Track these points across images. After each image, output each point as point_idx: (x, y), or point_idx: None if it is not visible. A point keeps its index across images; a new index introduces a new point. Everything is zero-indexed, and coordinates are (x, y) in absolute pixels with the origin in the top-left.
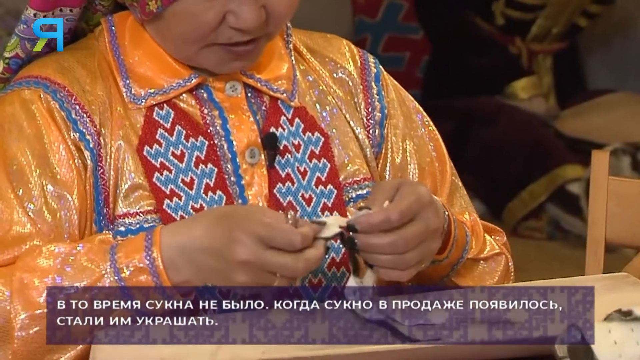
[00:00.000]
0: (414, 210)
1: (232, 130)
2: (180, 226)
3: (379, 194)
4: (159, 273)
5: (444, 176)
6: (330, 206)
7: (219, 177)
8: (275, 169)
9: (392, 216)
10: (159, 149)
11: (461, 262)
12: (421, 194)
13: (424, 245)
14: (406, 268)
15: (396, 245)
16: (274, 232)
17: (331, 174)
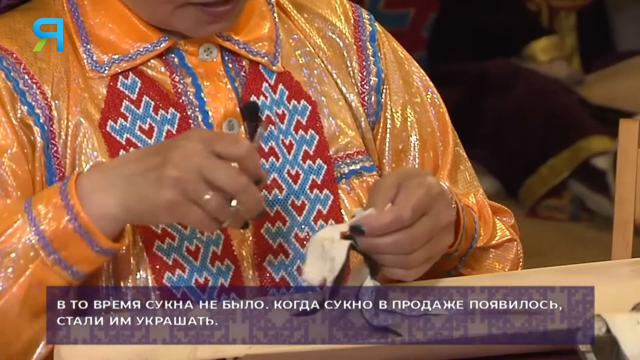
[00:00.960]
0: (425, 204)
1: (207, 100)
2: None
3: (378, 196)
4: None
5: (445, 147)
6: (320, 183)
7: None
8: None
9: (405, 214)
10: (124, 124)
11: (470, 252)
12: (430, 184)
13: (434, 242)
14: (413, 267)
15: (402, 245)
16: (225, 136)
17: (320, 147)
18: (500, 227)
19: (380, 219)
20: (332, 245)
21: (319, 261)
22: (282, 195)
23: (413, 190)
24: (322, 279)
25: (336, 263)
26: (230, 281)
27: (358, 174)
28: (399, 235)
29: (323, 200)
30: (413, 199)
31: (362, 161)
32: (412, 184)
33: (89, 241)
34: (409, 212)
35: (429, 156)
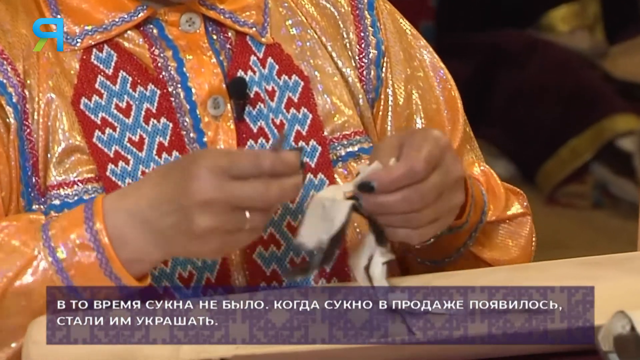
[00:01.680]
0: (435, 156)
1: (189, 75)
2: (125, 189)
3: (380, 152)
4: (103, 247)
5: (454, 126)
6: (314, 167)
7: (174, 134)
8: (245, 122)
9: (417, 166)
10: (99, 102)
11: (480, 227)
12: (437, 136)
13: (443, 199)
14: (419, 226)
15: (411, 201)
16: (236, 156)
17: (314, 127)
18: (511, 200)
19: (391, 172)
20: (333, 205)
21: (318, 222)
22: None
23: (420, 142)
24: (317, 241)
25: (334, 224)
26: (216, 275)
27: (356, 156)
28: (409, 190)
29: (318, 186)
30: (423, 151)
31: (361, 142)
32: (417, 138)
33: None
34: (421, 164)
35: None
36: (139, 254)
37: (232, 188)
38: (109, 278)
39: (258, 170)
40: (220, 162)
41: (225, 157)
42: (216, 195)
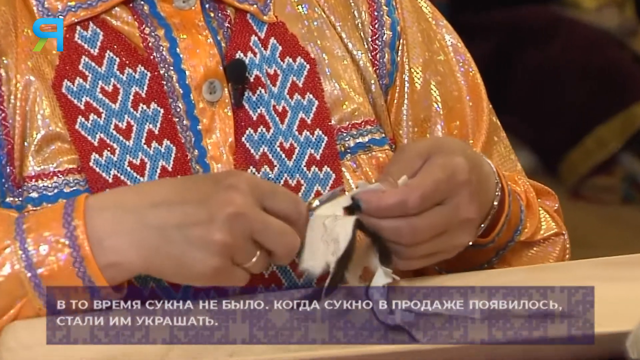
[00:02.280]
0: (441, 193)
1: (183, 56)
2: (118, 188)
3: (398, 163)
4: (79, 245)
5: (479, 115)
6: (319, 159)
7: (166, 121)
8: (244, 109)
9: (411, 200)
10: (83, 85)
11: (510, 246)
12: (457, 169)
13: (445, 237)
14: (408, 259)
15: (401, 234)
16: (278, 188)
17: (320, 115)
18: (544, 218)
19: (381, 199)
20: (335, 222)
21: (320, 245)
22: (272, 173)
23: (433, 172)
24: (325, 266)
25: (340, 243)
26: None
27: (366, 148)
28: (400, 222)
29: (323, 180)
30: (427, 183)
31: (372, 133)
32: (436, 163)
33: (90, 289)
34: (415, 200)
35: (456, 126)
36: (118, 257)
37: (263, 220)
38: (81, 280)
39: (292, 212)
40: (262, 185)
41: (268, 183)
42: (249, 213)
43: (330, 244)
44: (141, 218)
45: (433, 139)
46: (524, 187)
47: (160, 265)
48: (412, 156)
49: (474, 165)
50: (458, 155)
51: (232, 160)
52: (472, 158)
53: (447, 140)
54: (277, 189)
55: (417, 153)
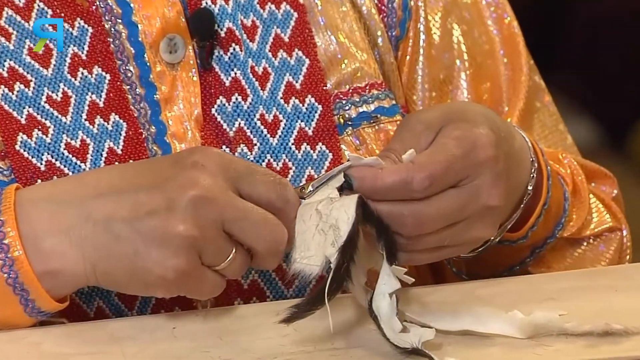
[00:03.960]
0: (456, 173)
1: (134, 5)
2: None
3: (403, 136)
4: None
5: (516, 75)
6: (312, 134)
7: (113, 90)
8: (214, 72)
9: (416, 180)
10: (5, 46)
11: (550, 243)
12: (477, 143)
13: (458, 229)
14: (409, 251)
15: (402, 222)
16: (257, 168)
17: (311, 78)
18: (596, 208)
19: (378, 177)
20: (332, 205)
21: (316, 237)
22: (252, 154)
23: (446, 146)
24: (324, 261)
25: (341, 228)
26: None
27: (372, 119)
28: (401, 207)
29: (317, 161)
30: (437, 160)
31: (379, 99)
32: (452, 135)
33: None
34: (422, 180)
35: (486, 89)
36: (58, 262)
37: (239, 206)
38: (11, 287)
39: (276, 197)
40: (237, 164)
41: (244, 162)
42: (219, 197)
43: (328, 233)
44: (83, 211)
45: (449, 105)
46: (571, 168)
47: (109, 271)
48: (421, 127)
49: (502, 139)
50: (481, 125)
51: (200, 138)
52: (499, 129)
53: (467, 105)
54: (255, 168)
55: (427, 123)
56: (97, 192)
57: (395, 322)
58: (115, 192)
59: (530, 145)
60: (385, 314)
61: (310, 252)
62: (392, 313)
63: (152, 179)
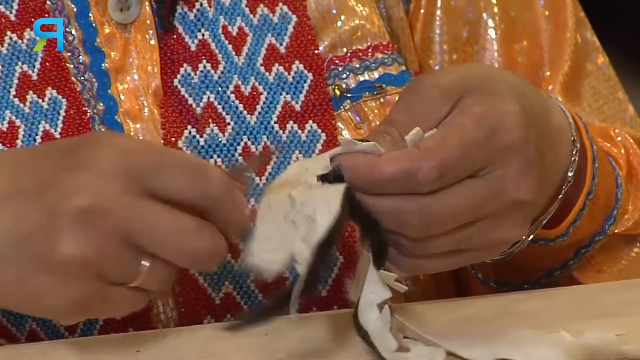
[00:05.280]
0: (474, 160)
1: None
2: None
3: (409, 106)
4: None
5: (560, 32)
6: (300, 109)
7: (50, 59)
8: (177, 34)
9: (423, 171)
10: None
11: (599, 241)
12: (503, 123)
13: (479, 229)
14: (415, 256)
15: (404, 221)
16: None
17: (300, 39)
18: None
19: (375, 167)
20: (311, 193)
21: (283, 227)
22: (224, 135)
23: (463, 125)
24: (288, 258)
25: (319, 222)
26: None
27: (376, 89)
28: (405, 202)
29: (306, 143)
30: (452, 145)
31: (385, 65)
32: (471, 111)
33: None
34: (430, 171)
35: (522, 49)
36: None
37: (144, 205)
38: None
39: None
40: (142, 157)
41: (153, 153)
42: (113, 206)
43: (300, 225)
44: None
45: (471, 68)
46: (626, 147)
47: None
48: (436, 93)
49: (535, 116)
50: (508, 100)
51: (159, 117)
52: (532, 104)
53: (493, 72)
54: (166, 159)
55: (444, 89)
56: None
57: (389, 339)
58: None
59: (571, 120)
60: (375, 328)
61: (272, 245)
62: (385, 328)
63: (35, 182)
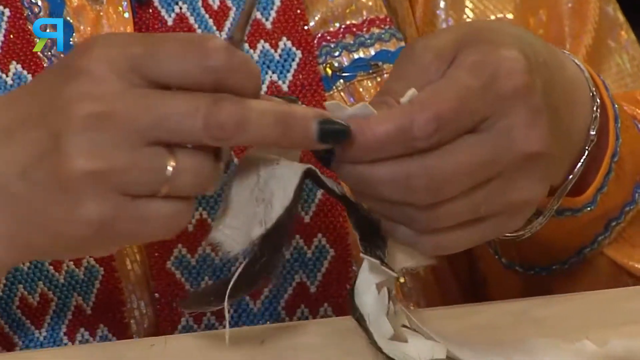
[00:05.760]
0: (472, 110)
1: None
2: None
3: (405, 71)
4: None
5: (582, 4)
6: (288, 90)
7: (15, 31)
8: (152, 6)
9: (417, 123)
10: None
11: (630, 211)
12: (502, 70)
13: (494, 189)
14: (428, 229)
15: (409, 186)
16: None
17: (288, 14)
18: None
19: (366, 128)
20: (273, 171)
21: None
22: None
23: (458, 76)
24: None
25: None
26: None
27: (372, 68)
28: (406, 165)
29: None
30: (446, 96)
31: (382, 41)
32: (467, 61)
33: None
34: (426, 124)
35: (540, 22)
36: None
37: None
38: None
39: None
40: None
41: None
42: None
43: (259, 207)
44: None
45: (467, 24)
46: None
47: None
48: (430, 56)
49: (541, 64)
50: (507, 46)
51: None
52: (536, 52)
53: (491, 24)
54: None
55: (437, 50)
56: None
57: (385, 323)
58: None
59: (587, 75)
60: (372, 312)
61: (236, 222)
62: (381, 312)
63: (36, 107)
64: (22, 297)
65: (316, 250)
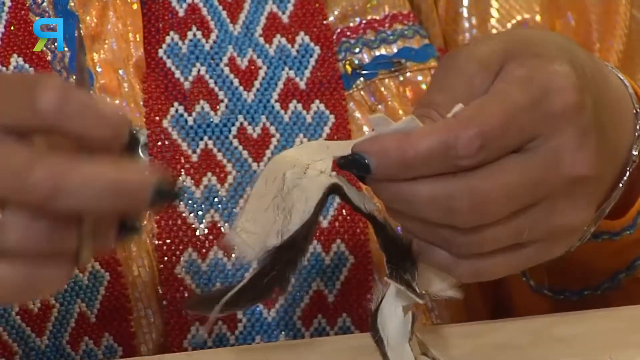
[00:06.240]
0: (520, 129)
1: None
2: None
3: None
4: None
5: (611, 5)
6: (305, 88)
7: (16, 22)
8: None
9: (461, 141)
10: None
11: None
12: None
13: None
14: (466, 255)
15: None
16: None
17: (306, 7)
18: None
19: (407, 145)
20: (300, 180)
21: (269, 211)
22: (216, 114)
23: (505, 91)
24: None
25: (293, 219)
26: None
27: (394, 65)
28: (449, 184)
29: (312, 126)
30: (492, 112)
31: (404, 37)
32: (514, 76)
33: None
34: (471, 142)
35: (567, 25)
36: None
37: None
38: None
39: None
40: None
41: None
42: None
43: (279, 217)
44: None
45: (512, 34)
46: None
47: None
48: (474, 67)
49: (589, 80)
50: (557, 61)
51: (141, 92)
52: (584, 65)
53: (537, 34)
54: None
55: (483, 61)
56: None
57: (406, 351)
58: None
59: (631, 90)
60: (393, 336)
61: (255, 227)
62: (404, 337)
63: None
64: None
65: (335, 256)
